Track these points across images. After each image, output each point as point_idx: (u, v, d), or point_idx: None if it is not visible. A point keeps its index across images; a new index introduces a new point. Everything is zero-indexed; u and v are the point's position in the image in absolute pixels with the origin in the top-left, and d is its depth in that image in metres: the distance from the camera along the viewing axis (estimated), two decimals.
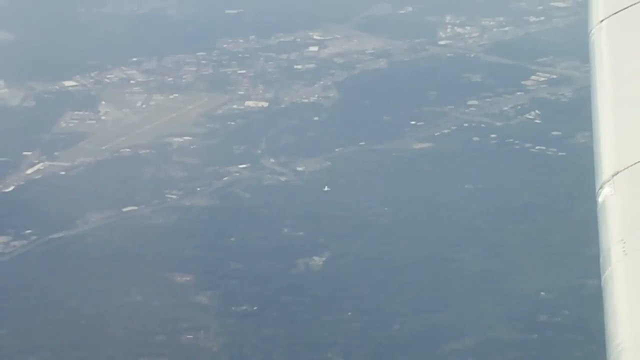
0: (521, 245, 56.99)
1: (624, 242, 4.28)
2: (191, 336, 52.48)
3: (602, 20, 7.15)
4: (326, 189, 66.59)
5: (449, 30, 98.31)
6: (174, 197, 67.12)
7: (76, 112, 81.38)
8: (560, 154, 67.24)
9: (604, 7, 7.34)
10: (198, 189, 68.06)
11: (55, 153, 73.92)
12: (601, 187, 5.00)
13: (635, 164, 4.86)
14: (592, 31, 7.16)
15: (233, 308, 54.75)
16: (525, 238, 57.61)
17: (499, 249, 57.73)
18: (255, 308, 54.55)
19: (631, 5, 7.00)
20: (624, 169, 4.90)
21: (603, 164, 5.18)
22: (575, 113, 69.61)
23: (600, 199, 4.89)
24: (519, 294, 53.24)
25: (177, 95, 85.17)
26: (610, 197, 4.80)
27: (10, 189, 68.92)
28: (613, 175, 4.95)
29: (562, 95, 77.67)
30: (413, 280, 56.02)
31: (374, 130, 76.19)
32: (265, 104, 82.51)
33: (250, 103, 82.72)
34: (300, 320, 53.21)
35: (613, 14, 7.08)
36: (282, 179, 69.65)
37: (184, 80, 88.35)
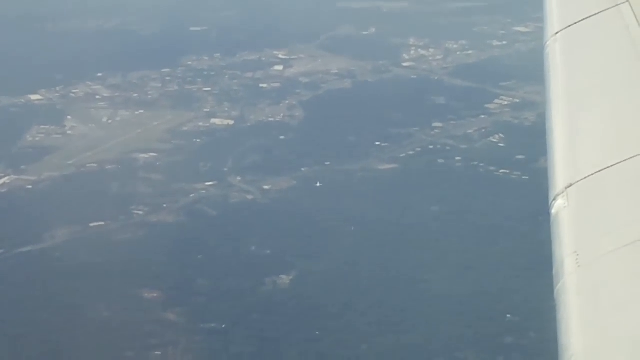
0: (487, 267, 57.30)
1: (577, 254, 4.33)
2: (159, 352, 52.31)
3: (556, 33, 7.34)
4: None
5: (412, 52, 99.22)
6: (141, 213, 66.94)
7: (42, 126, 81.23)
8: (524, 177, 67.70)
9: (559, 20, 7.54)
10: (165, 205, 67.93)
11: (22, 167, 73.75)
12: (554, 199, 5.04)
13: (587, 176, 4.92)
14: (547, 43, 7.35)
15: (201, 325, 54.52)
16: (491, 260, 57.96)
17: (465, 270, 57.92)
18: (223, 326, 54.36)
19: (585, 19, 7.15)
20: (577, 182, 4.97)
21: (556, 176, 5.21)
22: (539, 137, 67.75)
23: (553, 211, 4.95)
24: (486, 315, 53.53)
25: (142, 111, 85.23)
26: (563, 209, 4.82)
27: None
28: (566, 188, 4.98)
29: (525, 119, 78.32)
30: (380, 300, 56.18)
31: (340, 150, 76.42)
32: (231, 122, 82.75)
33: (216, 121, 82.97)
34: (269, 338, 53.09)
35: (567, 27, 7.27)
36: (249, 197, 69.57)
37: (149, 97, 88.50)
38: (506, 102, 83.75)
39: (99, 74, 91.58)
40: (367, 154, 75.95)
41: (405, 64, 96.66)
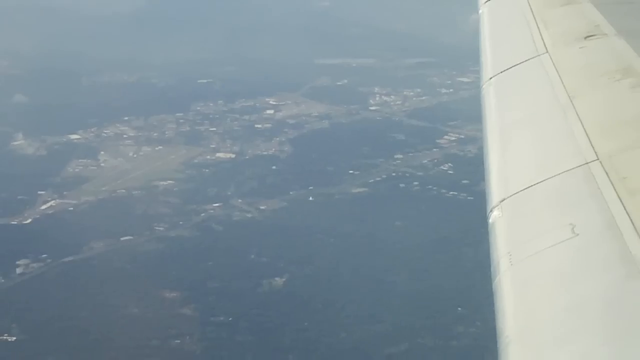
0: (441, 270, 57.39)
1: (510, 255, 4.32)
2: (179, 341, 52.26)
3: (490, 78, 7.21)
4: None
5: (377, 98, 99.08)
6: (162, 229, 66.80)
7: (80, 160, 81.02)
8: (468, 198, 67.75)
9: (491, 68, 7.41)
10: (180, 222, 67.80)
11: (65, 192, 73.47)
12: (491, 211, 4.97)
13: (517, 192, 4.95)
14: (483, 87, 7.20)
15: (212, 319, 54.40)
16: (444, 264, 58.07)
17: (423, 273, 58.00)
18: (230, 319, 54.25)
19: (513, 66, 7.10)
20: (508, 197, 4.97)
21: (492, 193, 5.18)
22: (480, 165, 68.40)
23: (490, 221, 4.88)
24: (441, 309, 53.60)
25: (161, 147, 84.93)
26: (498, 218, 4.83)
27: (29, 221, 68.36)
28: (500, 202, 4.98)
29: (469, 152, 78.46)
30: (356, 298, 56.06)
31: (320, 177, 76.18)
32: (233, 155, 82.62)
33: (220, 154, 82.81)
34: (266, 329, 52.94)
35: (499, 73, 7.17)
36: (248, 215, 69.56)
37: (166, 135, 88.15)
38: (453, 138, 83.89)
39: (125, 118, 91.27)
40: (342, 180, 75.89)
41: (371, 108, 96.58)
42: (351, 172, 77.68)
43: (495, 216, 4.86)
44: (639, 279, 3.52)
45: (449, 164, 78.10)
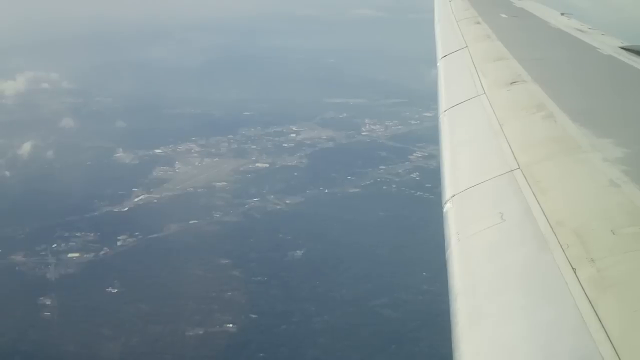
0: (412, 246, 57.02)
1: (458, 234, 4.32)
2: (230, 294, 52.12)
3: (444, 111, 7.08)
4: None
5: (367, 127, 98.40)
6: (218, 215, 66.72)
7: (162, 167, 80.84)
8: (430, 196, 67.12)
9: (446, 103, 7.28)
10: (231, 211, 67.73)
11: (151, 190, 73.53)
12: (445, 203, 4.95)
13: (463, 190, 4.90)
14: (439, 118, 7.08)
15: (252, 278, 54.29)
16: (414, 243, 57.31)
17: (402, 248, 57.79)
18: (265, 278, 54.23)
19: (461, 102, 6.97)
20: (457, 193, 4.93)
21: (446, 190, 5.15)
22: (439, 174, 69.72)
23: (444, 210, 4.87)
24: (411, 273, 53.32)
25: (217, 159, 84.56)
26: (450, 209, 4.80)
27: (126, 209, 68.42)
28: (451, 197, 4.95)
29: (431, 164, 77.44)
30: (353, 265, 56.07)
31: (328, 181, 75.87)
32: (267, 165, 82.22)
33: (258, 164, 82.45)
34: (290, 286, 52.88)
35: (451, 107, 7.04)
36: (278, 207, 69.24)
37: (221, 151, 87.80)
38: (420, 155, 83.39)
39: (193, 138, 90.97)
40: (343, 183, 75.56)
41: (363, 133, 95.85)
42: (349, 177, 77.29)
43: (448, 207, 4.87)
44: (546, 252, 3.56)
45: (417, 173, 77.82)
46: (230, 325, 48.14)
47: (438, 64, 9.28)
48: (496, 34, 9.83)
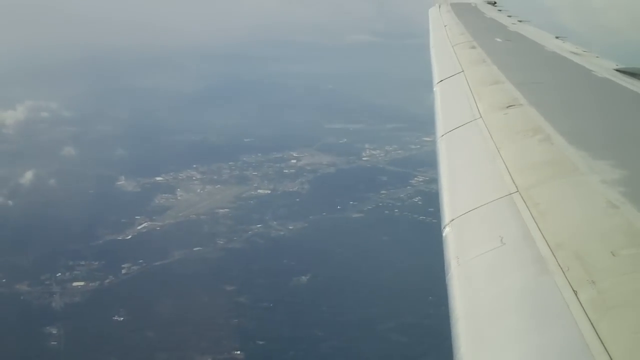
0: (415, 270, 56.75)
1: (458, 258, 4.29)
2: (236, 320, 52.41)
3: (442, 135, 7.04)
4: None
5: (367, 152, 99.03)
6: (221, 242, 67.00)
7: (163, 195, 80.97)
8: (433, 221, 67.01)
9: (443, 127, 7.23)
10: (234, 238, 68.00)
11: (153, 217, 73.61)
12: (444, 227, 4.92)
13: (462, 214, 4.87)
14: (437, 143, 7.01)
15: (259, 304, 54.62)
16: (418, 266, 56.72)
17: (407, 273, 57.73)
18: (271, 304, 54.48)
19: (458, 127, 6.95)
20: (456, 217, 4.90)
21: (445, 214, 5.14)
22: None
23: (444, 235, 4.82)
24: (418, 298, 53.07)
25: (219, 186, 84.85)
26: (449, 233, 4.77)
27: (129, 237, 68.46)
28: (451, 221, 4.92)
29: (432, 189, 77.04)
30: (358, 289, 56.36)
31: (330, 206, 76.23)
32: (269, 191, 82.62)
33: (260, 191, 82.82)
34: (297, 311, 53.07)
35: (448, 132, 7.00)
36: (281, 233, 69.52)
37: (222, 177, 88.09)
38: (421, 179, 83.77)
39: (194, 165, 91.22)
40: (345, 208, 76.01)
41: (364, 158, 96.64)
42: (351, 202, 77.62)
43: (447, 231, 4.85)
44: (547, 274, 3.59)
45: (419, 197, 78.17)
46: (238, 352, 48.32)
47: (434, 89, 9.31)
48: (491, 58, 9.88)
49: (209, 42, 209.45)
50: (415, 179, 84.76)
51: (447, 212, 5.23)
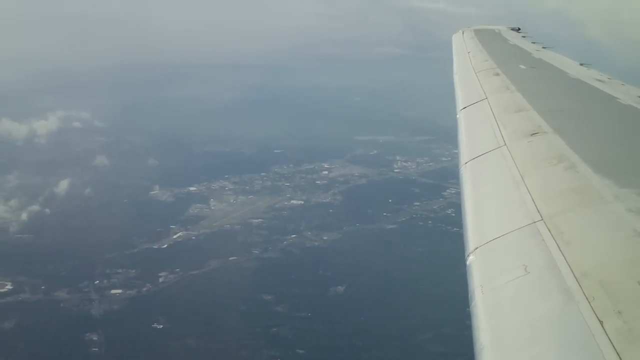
0: (451, 282, 56.81)
1: (482, 287, 4.29)
2: (275, 329, 52.73)
3: (466, 163, 6.90)
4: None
5: (399, 163, 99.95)
6: (257, 252, 67.59)
7: (197, 205, 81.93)
8: None
9: (467, 154, 7.12)
10: (270, 247, 68.54)
11: (188, 227, 74.35)
12: (468, 256, 4.90)
13: (487, 242, 4.86)
14: (461, 169, 6.90)
15: (297, 314, 54.93)
16: (453, 278, 57.55)
17: (443, 284, 57.40)
18: (309, 314, 54.85)
19: (482, 154, 6.88)
20: (481, 245, 4.88)
21: (469, 242, 5.08)
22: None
23: (468, 263, 4.81)
24: (456, 309, 52.64)
25: (252, 196, 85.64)
26: (473, 261, 4.75)
27: (165, 246, 69.27)
28: (475, 249, 4.89)
29: None
30: (396, 299, 56.75)
31: (364, 217, 76.73)
32: (302, 202, 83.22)
33: (293, 201, 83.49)
34: (335, 321, 53.26)
35: (472, 159, 6.89)
36: (316, 243, 70.06)
37: (255, 188, 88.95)
38: (453, 191, 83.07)
39: (226, 176, 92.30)
40: (379, 220, 76.47)
41: (395, 170, 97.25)
42: (385, 214, 78.08)
43: (471, 259, 4.82)
44: (572, 304, 3.57)
45: (452, 209, 77.69)
46: None
47: (458, 116, 9.26)
48: (515, 85, 9.84)
49: (239, 54, 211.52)
50: (448, 190, 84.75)
51: (471, 240, 5.17)
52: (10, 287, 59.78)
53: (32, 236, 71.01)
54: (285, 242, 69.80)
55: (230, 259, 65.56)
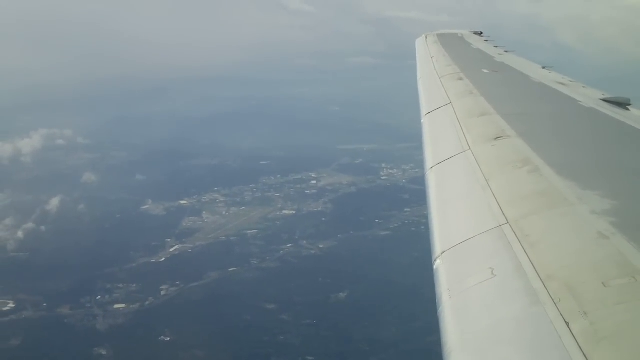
0: None
1: (449, 290, 4.29)
2: (283, 337, 53.06)
3: (431, 167, 6.88)
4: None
5: (385, 171, 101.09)
6: (255, 262, 67.84)
7: (190, 217, 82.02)
8: None
9: (432, 159, 7.10)
10: (267, 258, 68.89)
11: (183, 239, 74.45)
12: (435, 260, 4.88)
13: (453, 246, 4.87)
14: (426, 174, 6.86)
15: (301, 321, 55.27)
16: None
17: (430, 287, 58.47)
18: (315, 321, 55.26)
19: (447, 159, 6.87)
20: (447, 249, 4.88)
21: (436, 247, 5.06)
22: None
23: (435, 267, 4.79)
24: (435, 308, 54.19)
25: (244, 207, 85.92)
26: (440, 265, 4.74)
27: (163, 259, 69.32)
28: (442, 253, 4.88)
29: None
30: (398, 305, 57.06)
31: (356, 225, 77.44)
32: (294, 212, 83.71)
33: (285, 211, 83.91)
34: (341, 327, 53.70)
35: (438, 164, 6.87)
36: (312, 251, 70.56)
37: (246, 199, 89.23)
38: None
39: (216, 188, 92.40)
40: (372, 226, 77.22)
41: (382, 178, 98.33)
42: (377, 221, 78.86)
43: (438, 263, 4.81)
44: (538, 306, 3.58)
45: None
46: None
47: (422, 121, 9.19)
48: (479, 90, 9.78)
49: (214, 67, 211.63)
50: None
51: (438, 244, 5.12)
52: (13, 306, 59.47)
53: (30, 254, 70.59)
54: (282, 252, 70.16)
55: (230, 270, 65.77)
